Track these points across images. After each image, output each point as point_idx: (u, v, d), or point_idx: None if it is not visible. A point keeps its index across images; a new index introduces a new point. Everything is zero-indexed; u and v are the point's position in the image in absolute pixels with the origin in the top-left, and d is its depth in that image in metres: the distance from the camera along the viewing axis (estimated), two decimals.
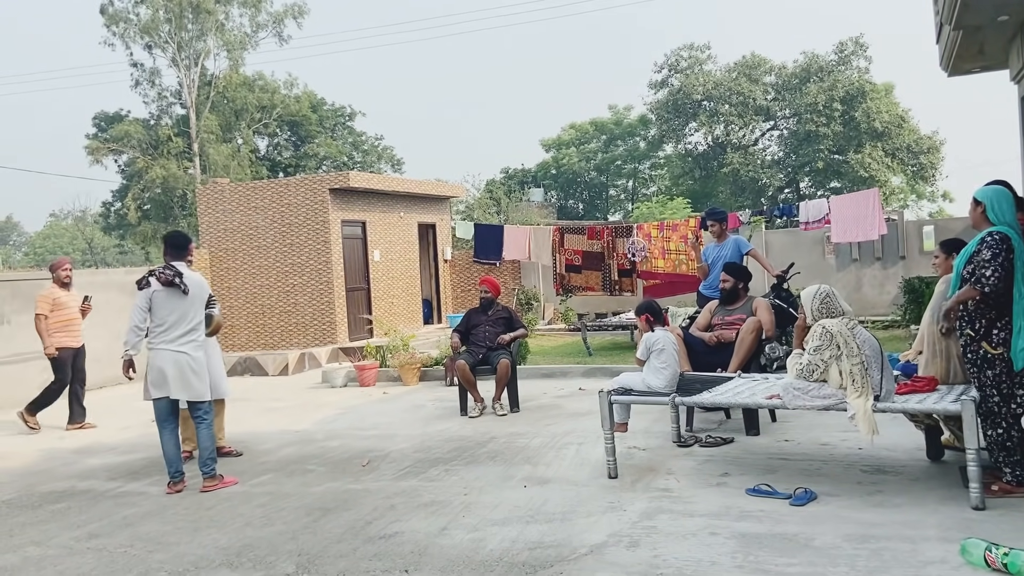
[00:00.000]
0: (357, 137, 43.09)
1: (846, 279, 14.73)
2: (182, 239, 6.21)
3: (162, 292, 5.82)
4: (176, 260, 6.00)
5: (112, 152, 36.92)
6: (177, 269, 5.89)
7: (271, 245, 14.05)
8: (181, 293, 5.82)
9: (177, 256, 6.04)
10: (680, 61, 38.74)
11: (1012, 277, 4.35)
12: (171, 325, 5.82)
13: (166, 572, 4.21)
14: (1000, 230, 4.41)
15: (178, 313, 5.83)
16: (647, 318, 5.84)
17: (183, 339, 5.82)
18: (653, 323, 5.80)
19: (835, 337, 4.62)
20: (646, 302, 6.02)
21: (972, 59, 11.11)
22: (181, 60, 36.19)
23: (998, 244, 4.35)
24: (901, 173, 36.05)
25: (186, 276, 5.89)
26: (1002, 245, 4.35)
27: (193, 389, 5.85)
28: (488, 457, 6.25)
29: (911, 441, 5.79)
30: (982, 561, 3.58)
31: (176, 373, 5.77)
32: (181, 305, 5.84)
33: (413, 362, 10.29)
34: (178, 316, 5.83)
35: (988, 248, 4.39)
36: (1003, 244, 4.35)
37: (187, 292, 5.83)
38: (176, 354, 5.78)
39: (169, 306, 5.82)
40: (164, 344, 5.81)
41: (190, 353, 5.83)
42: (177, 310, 5.83)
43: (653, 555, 4.03)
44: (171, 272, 5.84)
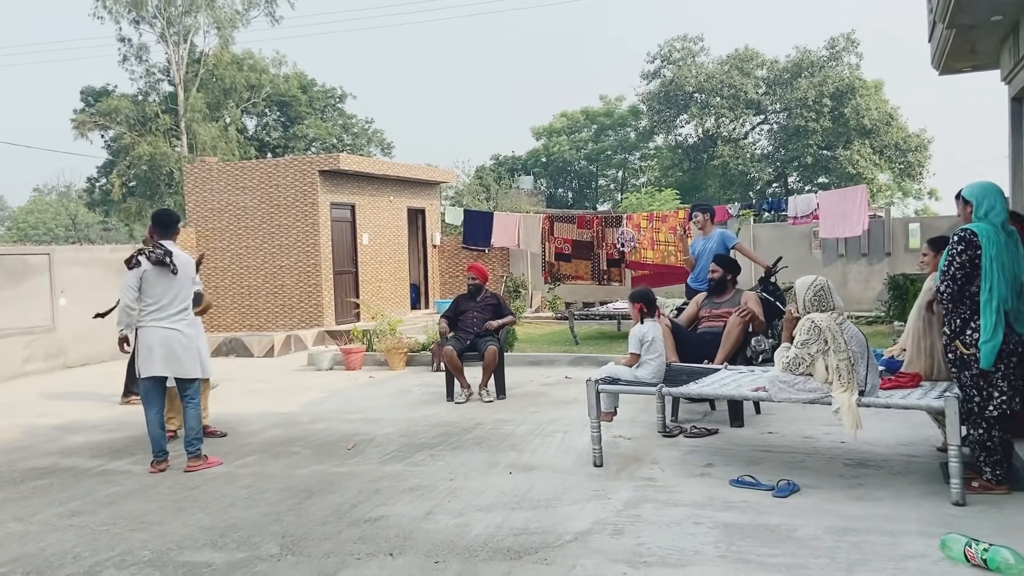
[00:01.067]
0: (347, 119, 42.81)
1: (832, 274, 14.80)
2: (170, 217, 6.15)
3: (152, 271, 5.76)
4: (164, 239, 5.95)
5: (99, 127, 36.51)
6: (167, 248, 5.83)
7: (259, 226, 13.97)
8: (171, 272, 5.77)
9: (165, 235, 5.99)
10: (673, 52, 38.70)
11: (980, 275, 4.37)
12: (163, 304, 5.77)
13: (149, 551, 4.20)
14: (969, 227, 4.44)
15: (171, 293, 5.78)
16: (641, 308, 5.82)
17: (175, 317, 5.78)
18: (645, 314, 5.79)
19: (823, 332, 4.65)
20: (642, 290, 5.97)
21: (964, 58, 11.16)
22: (170, 36, 35.79)
23: (954, 246, 4.44)
24: (888, 170, 36.26)
25: (176, 255, 5.84)
26: (958, 247, 4.41)
27: (183, 366, 5.82)
28: (474, 443, 6.26)
29: (893, 436, 5.86)
30: (962, 556, 3.62)
31: (166, 351, 5.74)
32: (172, 284, 5.79)
33: (400, 347, 10.28)
34: (171, 296, 5.78)
35: (945, 255, 4.49)
36: (960, 245, 4.41)
37: (176, 272, 5.78)
38: (167, 331, 5.74)
39: (160, 285, 5.77)
40: (155, 322, 5.76)
41: (182, 330, 5.80)
42: (169, 290, 5.78)
43: (637, 543, 4.05)
44: (161, 251, 5.78)
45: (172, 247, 5.89)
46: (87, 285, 11.94)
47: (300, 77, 40.31)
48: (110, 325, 6.59)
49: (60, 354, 11.65)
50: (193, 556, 4.10)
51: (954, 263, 4.41)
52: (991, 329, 4.36)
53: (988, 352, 4.37)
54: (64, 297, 11.73)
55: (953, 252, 4.42)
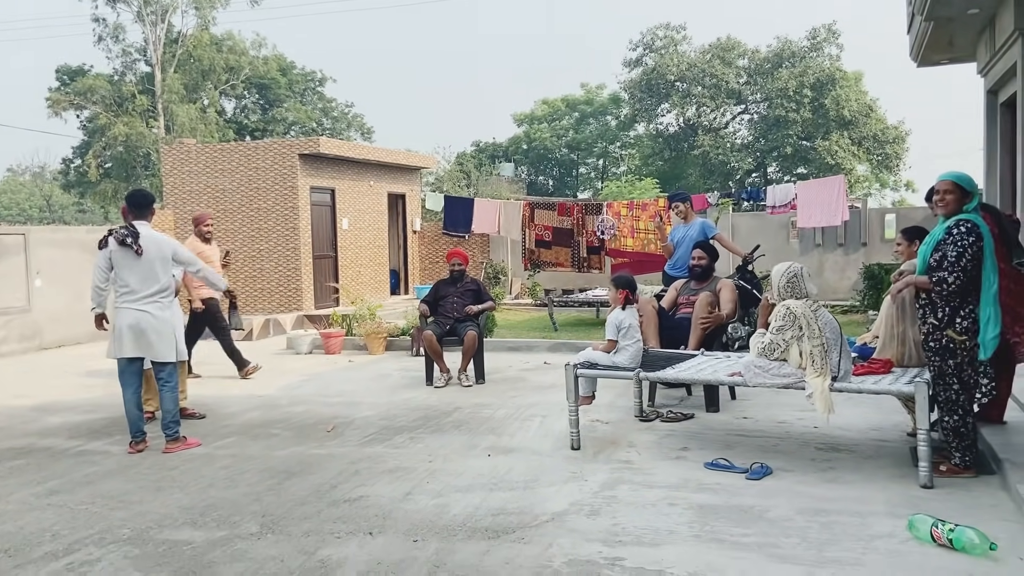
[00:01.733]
0: (327, 103, 42.51)
1: (809, 263, 14.98)
2: (144, 198, 6.05)
3: (119, 252, 5.73)
4: (138, 220, 5.88)
5: (74, 107, 35.98)
6: (134, 229, 5.76)
7: (238, 209, 13.88)
8: (135, 254, 5.69)
9: (139, 215, 5.91)
10: (655, 40, 38.74)
11: (982, 267, 4.38)
12: (132, 287, 5.73)
13: (128, 529, 4.21)
14: (969, 217, 4.46)
15: (138, 274, 5.72)
16: (626, 294, 5.84)
17: (147, 299, 5.74)
18: (628, 297, 5.82)
19: (798, 318, 4.73)
20: (625, 277, 5.99)
21: (942, 50, 11.30)
22: (147, 15, 35.29)
23: (965, 237, 4.37)
24: (866, 161, 36.60)
25: (143, 236, 5.74)
26: (969, 238, 4.36)
27: (154, 349, 5.78)
28: (453, 426, 6.31)
29: (865, 421, 5.97)
30: (928, 536, 3.72)
31: (136, 333, 5.71)
32: (138, 266, 5.72)
33: (380, 331, 10.29)
34: (138, 277, 5.72)
35: (955, 245, 4.38)
36: (970, 236, 4.36)
37: (140, 253, 5.69)
38: (137, 313, 5.71)
39: (127, 267, 5.72)
40: (126, 304, 5.73)
41: (152, 313, 5.75)
42: (136, 271, 5.72)
43: (613, 523, 4.12)
44: (125, 232, 5.72)
45: (144, 228, 5.82)
46: (63, 266, 11.83)
47: (279, 60, 39.93)
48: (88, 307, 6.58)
49: (35, 335, 11.54)
50: (173, 534, 4.12)
51: (966, 255, 4.34)
52: (995, 320, 4.39)
53: (991, 343, 4.39)
54: (40, 278, 11.61)
55: (965, 243, 4.34)
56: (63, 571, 3.71)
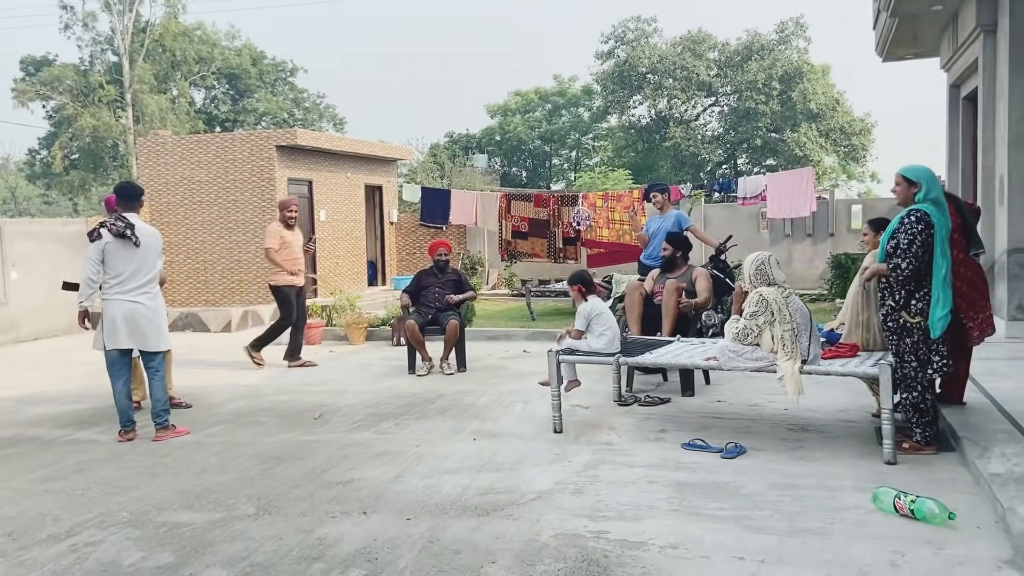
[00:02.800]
0: (298, 94, 42.23)
1: (778, 253, 15.31)
2: (133, 190, 6.12)
3: (114, 244, 5.80)
4: (128, 211, 5.96)
5: (40, 97, 35.41)
6: (128, 220, 5.85)
7: (214, 200, 13.88)
8: (132, 245, 5.80)
9: (128, 207, 5.99)
10: (627, 32, 39.00)
11: (930, 252, 4.73)
12: (126, 277, 5.81)
13: (127, 513, 4.33)
14: (921, 207, 4.76)
15: (133, 265, 5.82)
16: (579, 288, 6.13)
17: (138, 290, 5.84)
18: (585, 293, 6.09)
19: (770, 304, 4.96)
20: (578, 273, 6.29)
21: (906, 46, 11.66)
22: (114, 4, 34.79)
23: (915, 225, 4.69)
24: (834, 153, 37.22)
25: (138, 228, 5.86)
26: (919, 226, 4.69)
27: (147, 339, 5.89)
28: (438, 412, 6.48)
29: (833, 403, 6.24)
30: (891, 507, 3.97)
31: (130, 323, 5.80)
32: (134, 257, 5.83)
33: (360, 321, 10.41)
34: (133, 268, 5.82)
35: (906, 233, 4.71)
36: (920, 224, 4.69)
37: (139, 244, 5.82)
38: (131, 304, 5.80)
39: (123, 258, 5.80)
40: (118, 295, 5.81)
41: (145, 303, 5.85)
42: (132, 262, 5.82)
43: (596, 500, 4.33)
44: (122, 224, 5.81)
45: (135, 219, 5.91)
46: (39, 259, 11.77)
47: (250, 50, 39.59)
48: (64, 299, 6.66)
49: (11, 328, 11.49)
50: (171, 516, 4.25)
51: (916, 241, 4.65)
52: (944, 302, 4.69)
53: (941, 323, 4.71)
54: (16, 271, 11.56)
55: (915, 231, 4.65)
56: (67, 552, 3.83)
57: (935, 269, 4.72)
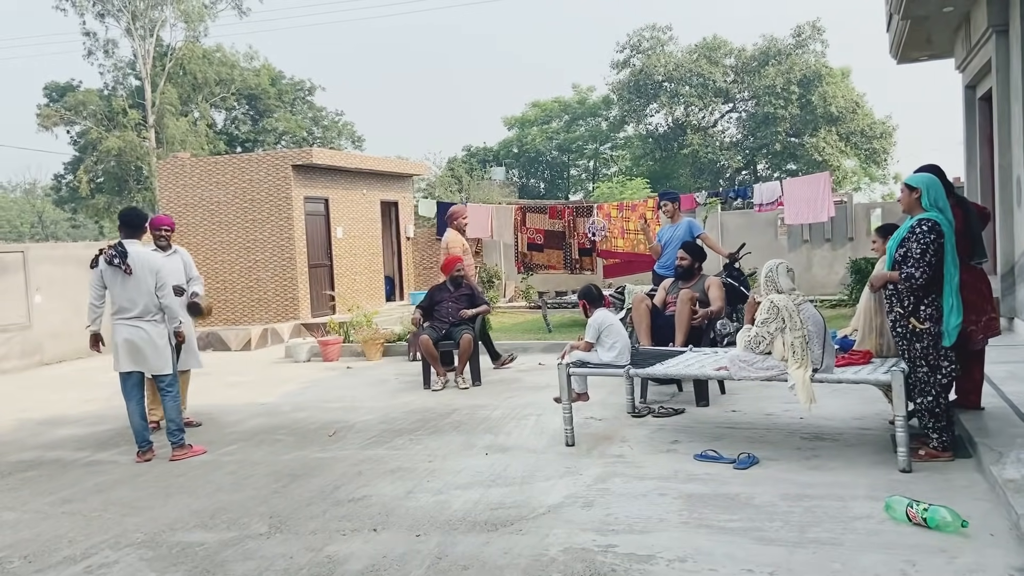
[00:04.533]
0: (317, 112, 42.71)
1: (797, 259, 15.21)
2: (134, 216, 6.06)
3: (109, 272, 5.82)
4: (129, 238, 5.94)
5: (64, 122, 36.10)
6: (123, 248, 5.79)
7: (233, 221, 14.05)
8: (124, 274, 5.77)
9: (130, 234, 5.95)
10: (642, 41, 39.04)
11: (943, 261, 4.68)
12: (122, 305, 5.83)
13: (141, 534, 4.39)
14: (931, 216, 4.72)
15: (128, 293, 5.80)
16: (584, 304, 6.16)
17: (138, 317, 5.82)
18: (589, 308, 6.11)
19: (780, 311, 4.93)
20: (585, 288, 6.32)
21: (920, 48, 11.56)
22: (136, 30, 35.43)
23: (927, 235, 4.65)
24: (855, 157, 36.94)
25: (132, 256, 5.77)
26: (931, 236, 4.64)
27: (148, 363, 5.90)
28: (451, 427, 6.50)
29: (848, 411, 6.18)
30: (904, 516, 3.92)
31: (130, 347, 5.83)
32: (127, 286, 5.79)
33: (377, 337, 10.47)
34: (128, 296, 5.80)
35: (918, 242, 4.66)
36: (932, 234, 4.65)
37: (130, 272, 5.76)
38: (132, 328, 5.82)
39: (116, 286, 5.82)
40: (120, 320, 5.85)
41: (145, 328, 5.84)
42: (125, 291, 5.80)
43: (606, 513, 4.31)
44: (113, 252, 5.79)
45: (134, 246, 5.86)
46: (62, 282, 11.98)
47: (269, 70, 40.11)
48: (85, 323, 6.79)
49: (36, 351, 11.69)
50: (185, 536, 4.30)
51: (929, 250, 4.62)
52: (958, 310, 4.67)
53: (954, 331, 4.69)
54: (39, 294, 11.76)
55: (927, 241, 4.63)
56: (82, 574, 3.89)
57: (947, 277, 4.69)
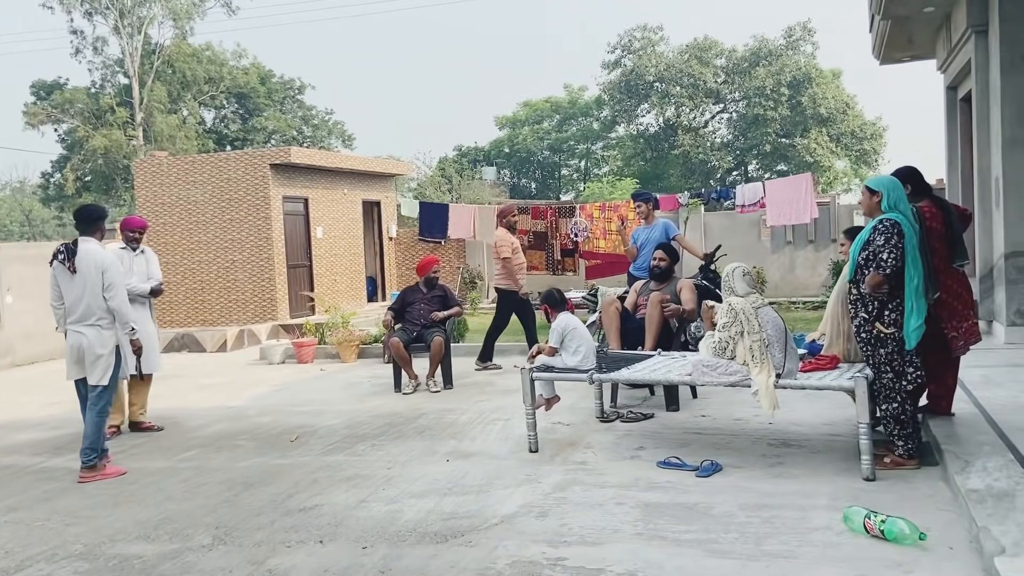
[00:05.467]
0: (307, 111, 42.45)
1: (780, 261, 15.14)
2: (89, 213, 5.75)
3: (59, 270, 5.58)
4: (86, 235, 5.65)
5: (51, 120, 35.84)
6: (72, 247, 5.54)
7: (210, 220, 13.89)
8: (69, 272, 5.52)
9: (85, 231, 5.67)
10: (633, 42, 38.93)
11: (903, 261, 4.60)
12: (69, 306, 5.59)
13: (82, 545, 4.25)
14: (890, 216, 4.65)
15: (73, 294, 5.55)
16: (546, 309, 6.03)
17: (82, 322, 5.55)
18: (551, 312, 5.98)
19: (738, 315, 4.83)
20: (546, 292, 6.19)
21: (902, 48, 11.48)
22: (124, 28, 35.20)
23: (889, 230, 4.60)
24: (845, 158, 36.91)
25: (80, 254, 5.51)
26: (893, 230, 4.59)
27: (85, 368, 5.58)
28: (416, 432, 6.37)
29: (818, 416, 6.07)
30: (862, 528, 3.81)
31: (76, 354, 5.58)
32: (73, 286, 5.54)
33: (352, 339, 10.33)
34: (74, 297, 5.55)
35: (881, 234, 4.63)
36: (894, 229, 4.59)
37: (74, 271, 5.50)
38: (75, 334, 5.57)
39: (64, 285, 5.58)
40: (70, 325, 5.61)
41: (87, 334, 5.54)
42: (71, 291, 5.55)
43: (560, 524, 4.19)
44: (63, 250, 5.54)
45: (87, 244, 5.57)
46: (33, 282, 11.78)
47: (258, 68, 39.89)
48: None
49: (7, 353, 11.51)
50: (125, 548, 4.16)
51: (894, 251, 4.54)
52: (919, 312, 4.58)
53: (916, 334, 4.59)
54: (10, 295, 11.59)
55: (892, 241, 4.55)
56: None
57: (907, 279, 4.61)
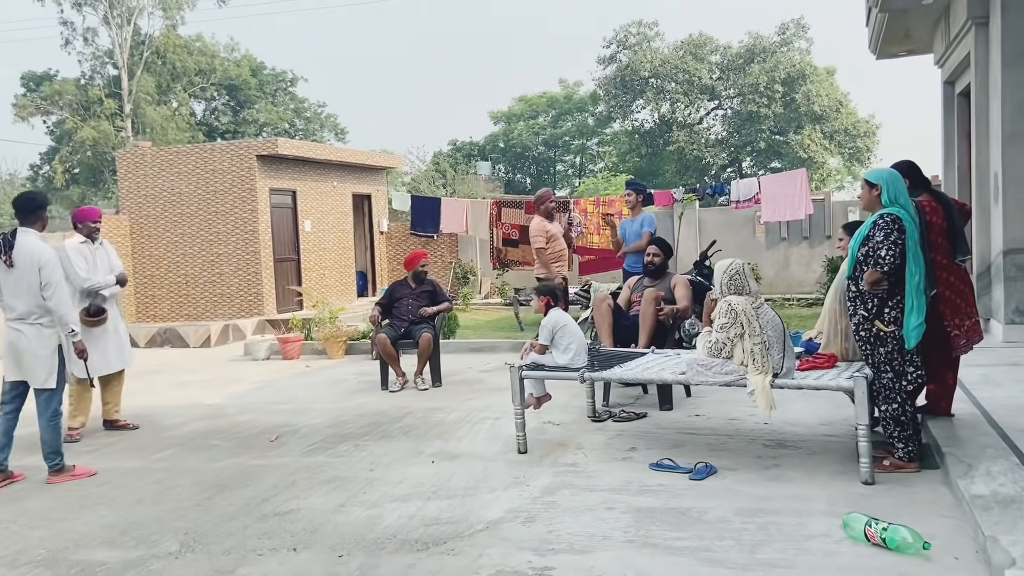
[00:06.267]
0: (299, 104, 42.09)
1: (775, 257, 14.97)
2: (28, 201, 5.35)
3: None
4: (25, 226, 5.28)
5: (40, 112, 35.46)
6: (8, 239, 5.17)
7: (195, 212, 13.64)
8: (5, 267, 5.15)
9: (25, 221, 5.29)
10: (629, 37, 38.70)
11: (904, 257, 4.42)
12: (8, 303, 5.23)
13: (44, 550, 4.04)
14: (891, 211, 4.47)
15: (10, 291, 5.20)
16: (548, 301, 5.78)
17: (20, 320, 5.20)
18: (551, 307, 5.76)
19: (739, 315, 4.64)
20: (547, 285, 6.00)
21: (899, 42, 11.30)
22: (113, 18, 34.82)
23: (889, 225, 4.41)
24: (838, 155, 36.78)
25: (19, 247, 5.14)
26: (893, 226, 4.40)
27: (25, 371, 5.22)
28: (401, 432, 6.17)
29: (815, 417, 5.90)
30: (862, 535, 3.64)
31: (13, 354, 5.22)
32: (9, 281, 5.19)
33: (339, 335, 10.12)
34: (10, 292, 5.20)
35: (880, 229, 4.44)
36: (895, 225, 4.41)
37: (11, 265, 5.13)
38: (14, 332, 5.21)
39: (4, 280, 5.21)
40: (10, 321, 5.24)
41: (26, 333, 5.19)
42: (7, 286, 5.20)
43: (547, 530, 4.01)
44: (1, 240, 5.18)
45: (26, 237, 5.20)
46: None
47: (250, 60, 39.53)
48: None
49: None
50: (88, 555, 3.96)
51: (893, 248, 4.35)
52: (919, 310, 4.40)
53: (916, 333, 4.41)
54: None
55: (892, 237, 4.36)
56: None
57: (907, 276, 4.42)
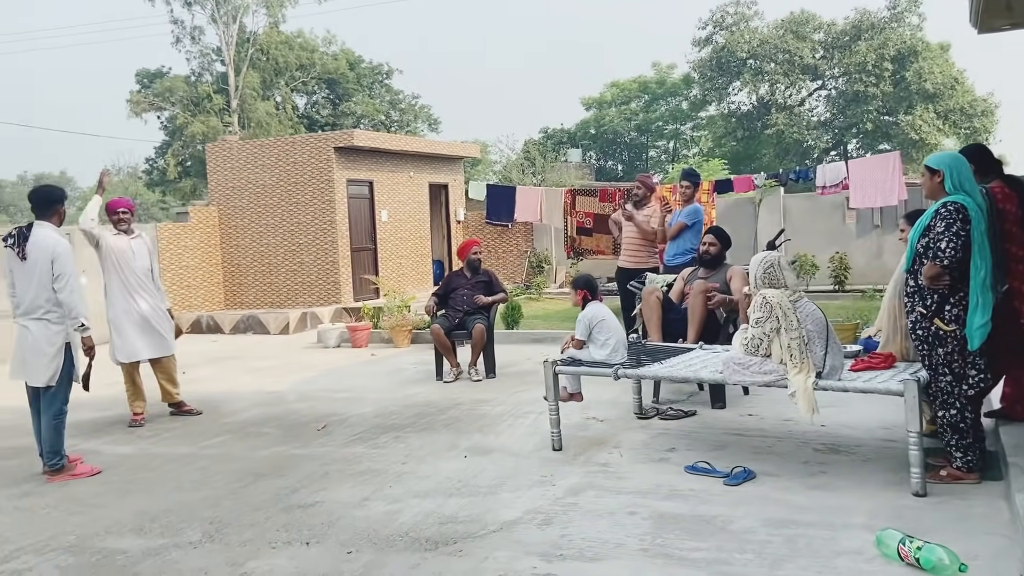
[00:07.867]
0: (394, 95, 42.84)
1: (866, 246, 14.14)
2: (46, 194, 5.26)
3: (8, 256, 5.13)
4: (41, 219, 5.18)
5: (153, 108, 37.40)
6: (23, 231, 5.09)
7: (278, 203, 14.04)
8: (18, 259, 5.07)
9: (41, 215, 5.18)
10: (726, 17, 37.46)
11: (968, 249, 4.02)
12: (17, 297, 5.16)
13: (75, 536, 4.19)
14: (955, 199, 4.07)
15: (22, 284, 5.10)
16: (585, 295, 5.61)
17: (28, 315, 5.10)
18: (588, 300, 5.58)
19: (774, 309, 4.35)
20: (585, 277, 5.81)
21: (1000, 15, 10.38)
22: (220, 17, 36.30)
23: (952, 215, 4.01)
24: (953, 136, 34.54)
25: (32, 240, 5.05)
26: (956, 216, 4.00)
27: (27, 369, 5.10)
28: (444, 424, 6.14)
29: (876, 419, 5.50)
30: (895, 554, 3.34)
31: (20, 351, 5.14)
32: (22, 273, 5.08)
33: (404, 324, 10.20)
34: (22, 287, 5.11)
35: (942, 219, 4.05)
36: (958, 215, 4.00)
37: (24, 258, 5.04)
38: (21, 329, 5.14)
39: (16, 273, 5.12)
40: (18, 317, 5.16)
41: (31, 329, 5.08)
42: (20, 279, 5.11)
43: (561, 535, 3.86)
44: (15, 233, 5.12)
45: (42, 230, 5.10)
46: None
47: (347, 54, 40.48)
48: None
49: None
50: (114, 542, 4.07)
51: (954, 240, 3.97)
52: (984, 308, 4.02)
53: (980, 333, 4.02)
54: (85, 276, 11.98)
55: (953, 228, 3.98)
56: None
57: (972, 271, 4.01)
